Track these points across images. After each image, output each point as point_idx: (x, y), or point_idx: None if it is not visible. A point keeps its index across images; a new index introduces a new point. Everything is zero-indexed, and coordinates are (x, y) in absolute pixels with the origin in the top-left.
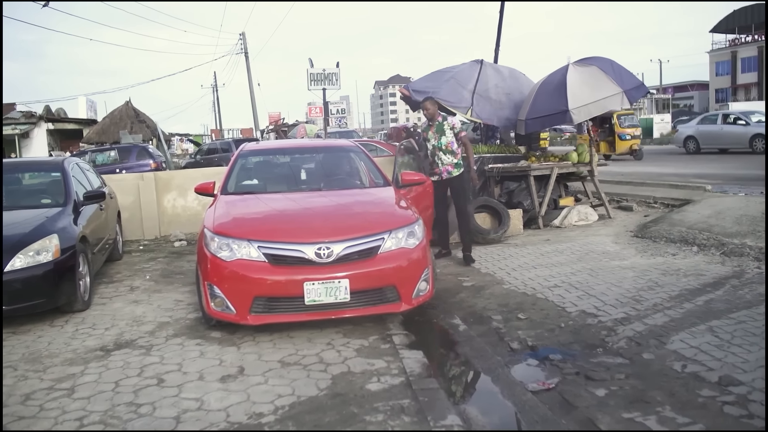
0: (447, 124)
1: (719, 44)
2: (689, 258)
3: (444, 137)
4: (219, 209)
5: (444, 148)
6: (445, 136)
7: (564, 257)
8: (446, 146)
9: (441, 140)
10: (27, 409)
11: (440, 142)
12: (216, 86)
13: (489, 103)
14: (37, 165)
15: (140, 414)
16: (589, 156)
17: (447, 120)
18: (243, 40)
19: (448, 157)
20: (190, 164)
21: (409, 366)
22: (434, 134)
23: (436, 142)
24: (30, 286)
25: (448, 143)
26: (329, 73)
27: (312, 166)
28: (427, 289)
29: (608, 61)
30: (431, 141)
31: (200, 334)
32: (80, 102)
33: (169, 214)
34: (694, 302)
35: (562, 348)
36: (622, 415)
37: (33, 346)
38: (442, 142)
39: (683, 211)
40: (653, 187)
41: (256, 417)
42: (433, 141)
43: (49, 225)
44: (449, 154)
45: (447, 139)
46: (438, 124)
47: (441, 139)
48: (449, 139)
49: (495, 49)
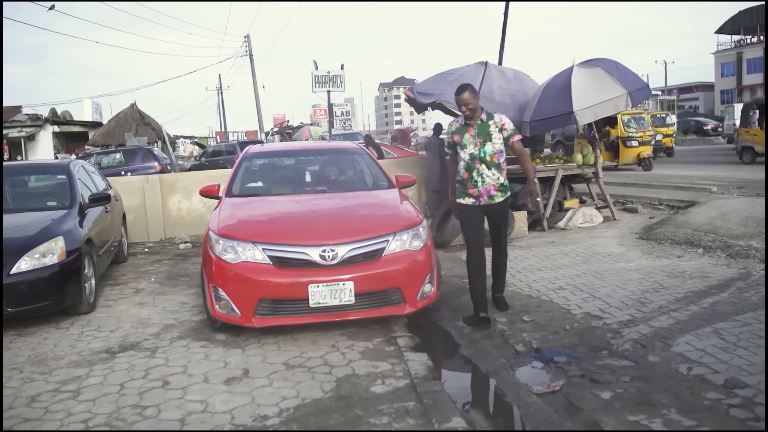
0: (495, 124)
1: (724, 45)
2: (695, 260)
3: (490, 143)
4: (224, 212)
5: (489, 159)
6: (491, 142)
7: (569, 259)
8: (492, 157)
9: (485, 148)
10: (33, 411)
11: (483, 151)
12: (221, 88)
13: (494, 104)
14: (42, 167)
15: (145, 416)
16: (593, 158)
17: (494, 118)
18: (248, 42)
19: (493, 173)
20: (195, 166)
21: (413, 368)
22: (474, 138)
23: (477, 150)
24: (36, 288)
25: (495, 153)
26: (334, 75)
27: (316, 168)
28: (432, 291)
29: (613, 63)
30: (468, 148)
31: (205, 337)
32: (86, 105)
33: (174, 217)
34: (699, 304)
35: (567, 350)
36: (627, 418)
37: (39, 348)
38: (486, 150)
39: (689, 212)
40: (658, 188)
41: (260, 419)
42: (471, 148)
43: (54, 227)
44: (495, 168)
45: (494, 146)
46: (481, 123)
47: (485, 146)
48: (497, 146)
49: (500, 51)
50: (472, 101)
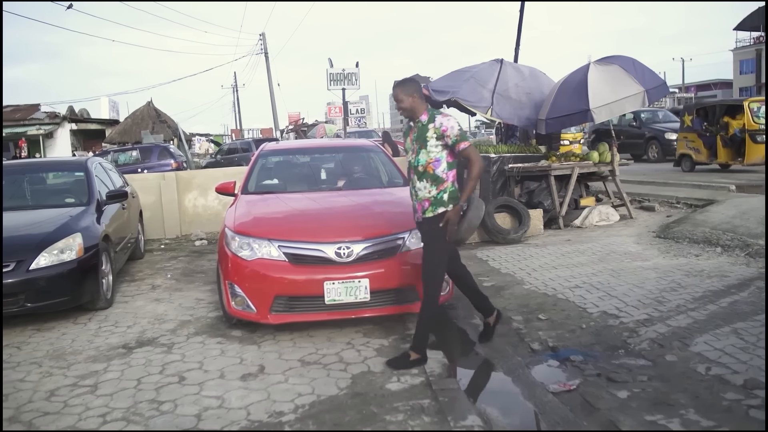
0: (434, 128)
1: (743, 42)
2: (713, 259)
3: (424, 151)
4: (240, 209)
5: (421, 170)
6: (425, 150)
7: (585, 258)
8: (425, 167)
9: (419, 156)
10: (51, 405)
11: (417, 159)
12: (236, 86)
13: (509, 102)
14: (60, 165)
15: (162, 411)
16: (610, 156)
17: (435, 121)
18: (263, 40)
19: (425, 185)
20: (211, 164)
21: (429, 366)
22: (412, 144)
23: (413, 158)
24: (54, 283)
25: (430, 162)
26: (349, 73)
27: (332, 165)
28: (447, 289)
29: (630, 60)
30: (408, 155)
31: (221, 333)
32: (103, 102)
33: (190, 214)
34: (718, 304)
35: (584, 349)
36: (644, 418)
37: (57, 343)
38: (419, 159)
39: (707, 211)
40: (676, 187)
41: (276, 415)
42: (409, 155)
43: (72, 224)
44: (428, 180)
45: (429, 154)
46: (421, 127)
47: (419, 154)
48: (432, 155)
49: (515, 48)
50: (403, 99)
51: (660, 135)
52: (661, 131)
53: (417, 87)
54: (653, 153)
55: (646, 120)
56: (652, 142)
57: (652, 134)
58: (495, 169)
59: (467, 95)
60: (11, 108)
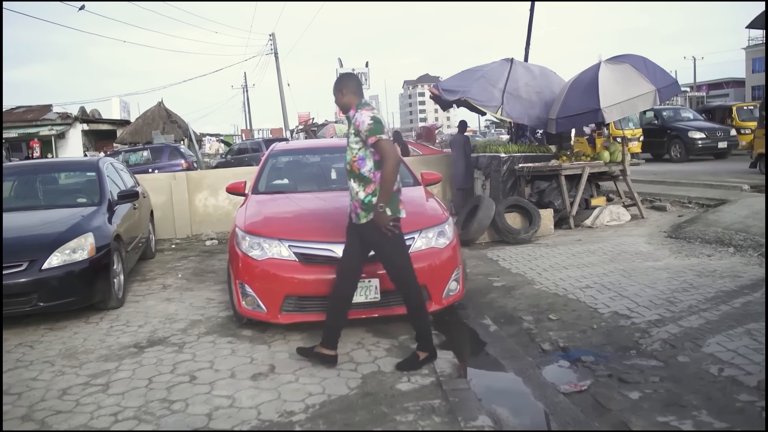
0: (352, 124)
1: (756, 40)
2: (725, 259)
3: (349, 149)
4: (250, 208)
5: (348, 168)
6: (349, 147)
7: (596, 258)
8: (351, 166)
9: (346, 153)
10: (64, 403)
11: (345, 157)
12: (246, 87)
13: (519, 101)
14: (72, 165)
15: (173, 410)
16: (621, 155)
17: (357, 114)
18: (273, 40)
19: (353, 186)
20: (221, 164)
21: (439, 366)
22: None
23: (347, 155)
24: (66, 283)
25: (354, 160)
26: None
27: (342, 165)
28: (458, 289)
29: (641, 59)
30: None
31: (232, 332)
32: (114, 103)
33: (201, 214)
34: (730, 304)
35: (595, 350)
36: (656, 419)
37: (69, 342)
38: (346, 157)
39: (719, 211)
40: (688, 186)
41: (287, 415)
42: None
43: (84, 224)
44: (355, 180)
45: (352, 152)
46: (348, 122)
47: (347, 152)
48: (354, 152)
49: (525, 48)
50: (336, 95)
51: (683, 134)
52: (684, 130)
53: (351, 83)
54: (676, 152)
55: (668, 118)
56: (674, 141)
57: (675, 133)
58: (505, 168)
59: (477, 95)
60: (24, 109)
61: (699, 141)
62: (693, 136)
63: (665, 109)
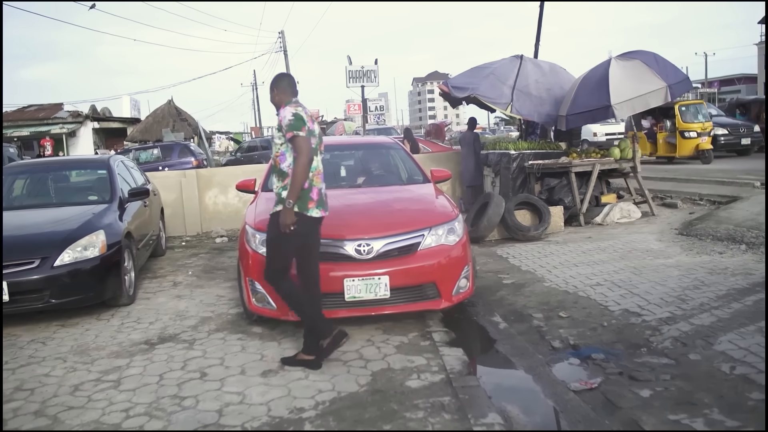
0: (279, 118)
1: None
2: (737, 256)
3: (273, 143)
4: (260, 206)
5: (272, 162)
6: (274, 143)
7: (606, 255)
8: (275, 161)
9: (272, 148)
10: (76, 399)
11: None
12: (255, 84)
13: (529, 98)
14: (83, 163)
15: (184, 407)
16: (631, 152)
17: (282, 110)
18: (282, 38)
19: (274, 181)
20: (231, 162)
21: (449, 363)
22: None
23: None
24: (78, 280)
25: (277, 155)
26: (368, 70)
27: (351, 163)
28: (467, 286)
29: (652, 55)
30: None
31: (242, 329)
32: (124, 101)
33: (211, 211)
34: (742, 302)
35: (605, 347)
36: (667, 417)
37: (81, 339)
38: (272, 152)
39: (731, 208)
40: (699, 183)
41: (297, 412)
42: None
43: (95, 221)
44: (275, 175)
45: (275, 147)
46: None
47: (272, 145)
48: (277, 147)
49: (535, 44)
50: (270, 92)
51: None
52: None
53: (282, 82)
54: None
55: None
56: None
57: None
58: (515, 165)
59: (487, 91)
60: (35, 107)
61: (721, 138)
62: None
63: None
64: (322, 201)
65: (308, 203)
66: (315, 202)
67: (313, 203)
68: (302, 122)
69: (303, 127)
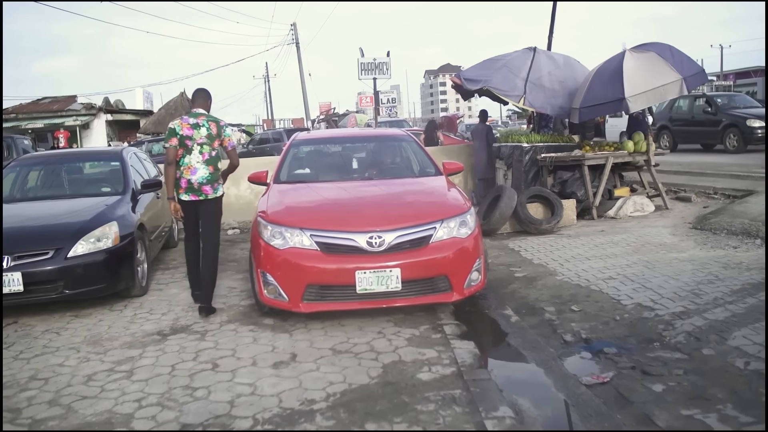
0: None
1: None
2: (752, 251)
3: None
4: (272, 198)
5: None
6: None
7: (619, 249)
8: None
9: None
10: (89, 389)
11: None
12: (267, 77)
13: (542, 91)
14: (97, 155)
15: (196, 397)
16: (645, 145)
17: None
18: (294, 30)
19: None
20: (243, 154)
21: (460, 356)
22: None
23: None
24: (91, 271)
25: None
26: (380, 63)
27: (363, 155)
28: (479, 279)
29: (667, 47)
30: None
31: (253, 321)
32: (137, 93)
33: (223, 203)
34: (757, 297)
35: (618, 341)
36: (680, 412)
37: (94, 329)
38: None
39: (746, 202)
40: (713, 177)
41: (308, 403)
42: None
43: (108, 213)
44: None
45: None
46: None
47: None
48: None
49: (548, 36)
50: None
51: (740, 122)
52: (741, 117)
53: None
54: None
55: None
56: (730, 130)
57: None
58: (527, 158)
59: (500, 84)
60: (49, 100)
61: (758, 130)
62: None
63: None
64: (191, 188)
65: (179, 190)
66: (183, 189)
67: (182, 190)
68: (172, 134)
69: (170, 139)
